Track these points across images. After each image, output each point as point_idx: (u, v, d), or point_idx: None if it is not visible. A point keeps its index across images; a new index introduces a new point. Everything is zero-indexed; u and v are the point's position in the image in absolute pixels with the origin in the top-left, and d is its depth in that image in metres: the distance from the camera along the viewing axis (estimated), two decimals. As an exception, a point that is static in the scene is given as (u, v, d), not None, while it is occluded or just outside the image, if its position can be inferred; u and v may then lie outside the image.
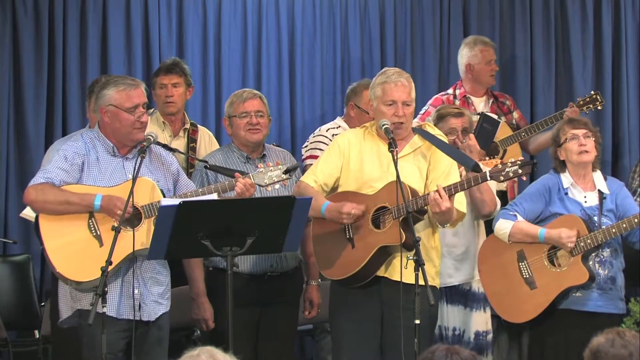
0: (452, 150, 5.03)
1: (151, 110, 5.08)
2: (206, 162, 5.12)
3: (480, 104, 6.87)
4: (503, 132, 6.73)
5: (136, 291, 4.75)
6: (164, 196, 4.75)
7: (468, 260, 5.59)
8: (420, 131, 5.07)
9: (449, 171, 5.03)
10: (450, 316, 5.57)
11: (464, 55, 6.93)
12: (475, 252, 5.58)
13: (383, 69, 5.20)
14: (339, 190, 5.10)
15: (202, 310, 5.25)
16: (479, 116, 6.36)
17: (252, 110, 5.50)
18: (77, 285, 4.70)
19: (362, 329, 4.96)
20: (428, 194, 4.82)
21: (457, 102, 6.80)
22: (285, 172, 4.83)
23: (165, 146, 5.03)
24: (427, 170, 5.01)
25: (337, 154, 5.09)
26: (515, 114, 6.96)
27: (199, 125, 6.37)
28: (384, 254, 4.89)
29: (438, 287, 5.08)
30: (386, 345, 4.97)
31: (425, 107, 6.89)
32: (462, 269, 5.57)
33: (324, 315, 5.45)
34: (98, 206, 4.67)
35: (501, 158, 6.62)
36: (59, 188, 4.72)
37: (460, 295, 5.56)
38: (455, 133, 5.57)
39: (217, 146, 6.18)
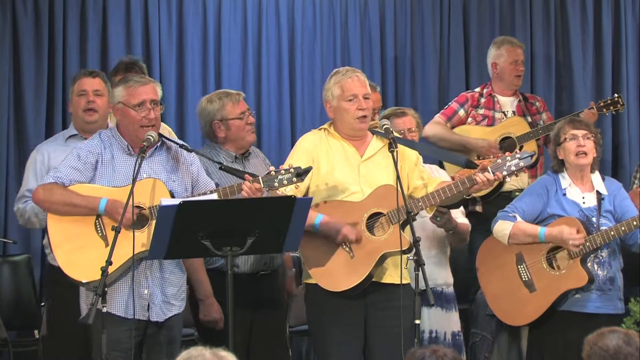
0: (435, 150, 4.99)
1: (162, 107, 5.05)
2: (221, 163, 5.08)
3: (507, 104, 6.86)
4: (520, 128, 6.73)
5: (145, 291, 4.74)
6: (173, 196, 4.74)
7: (443, 264, 5.60)
8: (398, 139, 4.96)
9: (418, 160, 5.03)
10: (427, 319, 5.56)
11: (491, 54, 6.94)
12: (447, 256, 5.62)
13: (334, 70, 5.12)
14: (310, 194, 4.97)
15: (213, 310, 5.22)
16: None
17: (245, 109, 5.48)
18: (84, 285, 4.70)
19: (346, 333, 4.88)
20: (450, 185, 4.78)
21: (483, 100, 6.82)
22: (297, 175, 4.76)
23: (182, 146, 5.00)
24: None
25: (305, 158, 4.96)
26: (544, 116, 6.93)
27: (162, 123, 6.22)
28: (382, 260, 4.85)
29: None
30: (371, 348, 4.91)
31: (449, 103, 6.92)
32: (440, 273, 5.57)
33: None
34: (103, 210, 4.68)
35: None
36: (66, 189, 4.72)
37: (436, 298, 5.53)
38: (402, 134, 5.56)
39: None
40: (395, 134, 4.99)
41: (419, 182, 4.97)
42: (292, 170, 4.71)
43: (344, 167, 4.96)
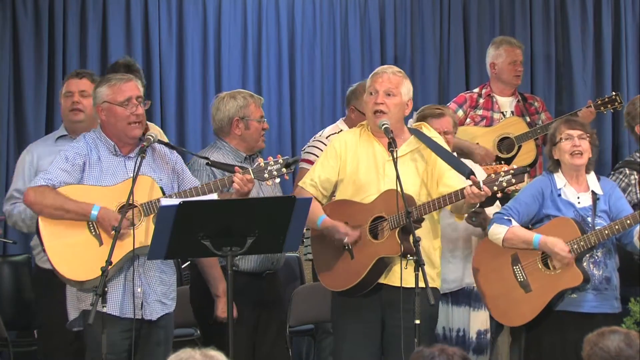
0: (447, 155, 4.99)
1: (148, 102, 5.05)
2: (208, 158, 5.09)
3: (506, 104, 6.86)
4: (519, 128, 6.73)
5: (139, 290, 4.73)
6: (164, 194, 4.74)
7: (470, 261, 5.59)
8: (416, 132, 5.04)
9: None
10: (456, 317, 5.58)
11: (490, 54, 6.92)
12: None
13: None
14: (337, 193, 5.07)
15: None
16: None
17: (263, 114, 5.48)
18: (79, 285, 4.69)
19: (363, 332, 4.94)
20: (444, 196, 4.78)
21: (481, 100, 6.82)
22: (286, 166, 4.79)
23: (167, 144, 5.01)
24: (426, 170, 4.98)
25: (333, 156, 5.03)
26: (543, 116, 6.92)
27: (149, 123, 6.19)
28: (382, 264, 4.87)
29: (439, 287, 5.07)
30: (387, 348, 4.95)
31: (447, 104, 6.91)
32: (467, 272, 5.56)
33: (325, 316, 5.45)
34: (95, 218, 4.66)
35: (516, 153, 6.66)
36: (58, 192, 4.69)
37: (466, 296, 5.56)
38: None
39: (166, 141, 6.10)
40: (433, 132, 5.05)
41: (444, 189, 4.92)
42: (280, 161, 4.75)
43: (368, 167, 4.98)
